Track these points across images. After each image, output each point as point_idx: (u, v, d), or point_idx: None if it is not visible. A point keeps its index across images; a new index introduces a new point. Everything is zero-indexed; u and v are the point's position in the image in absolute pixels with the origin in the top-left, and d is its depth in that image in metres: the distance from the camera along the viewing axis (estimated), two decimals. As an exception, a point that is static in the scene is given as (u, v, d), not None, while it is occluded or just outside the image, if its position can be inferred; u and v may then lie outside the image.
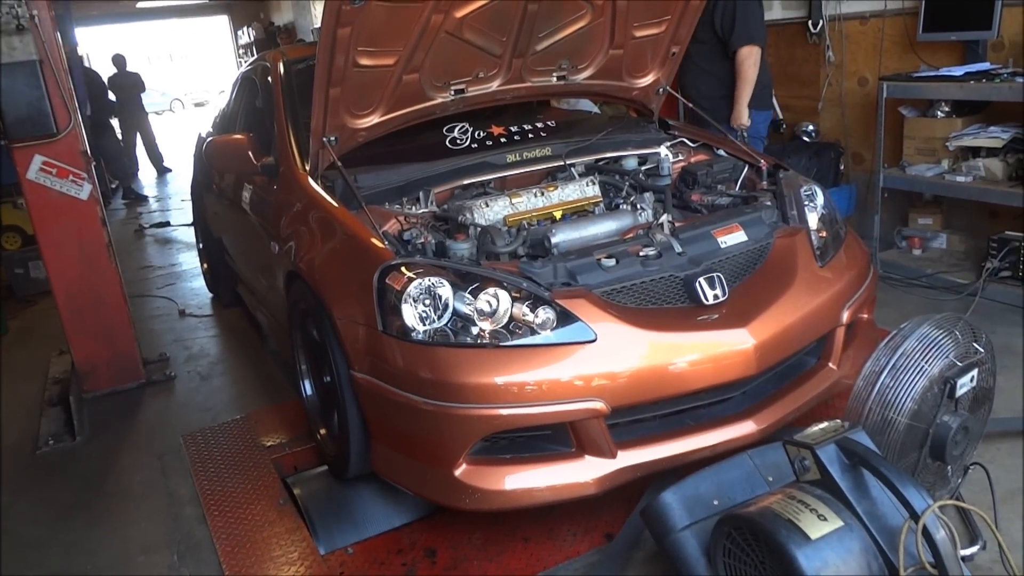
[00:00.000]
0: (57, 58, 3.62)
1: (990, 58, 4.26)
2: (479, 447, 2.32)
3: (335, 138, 2.87)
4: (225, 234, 4.61)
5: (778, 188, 2.96)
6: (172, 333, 4.99)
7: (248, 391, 4.02)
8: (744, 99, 4.16)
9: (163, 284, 6.21)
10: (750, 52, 4.10)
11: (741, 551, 1.86)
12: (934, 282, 4.33)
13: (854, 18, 4.92)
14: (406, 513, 2.75)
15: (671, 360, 2.34)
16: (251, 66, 4.34)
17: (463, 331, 2.34)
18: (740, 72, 4.12)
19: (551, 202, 2.97)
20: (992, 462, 2.57)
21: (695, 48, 4.14)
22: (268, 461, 3.11)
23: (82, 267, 3.87)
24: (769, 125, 4.60)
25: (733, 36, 4.09)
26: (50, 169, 3.68)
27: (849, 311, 2.69)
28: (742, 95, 4.15)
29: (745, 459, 2.13)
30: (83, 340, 3.98)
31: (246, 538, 2.69)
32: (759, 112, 4.31)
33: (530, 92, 3.25)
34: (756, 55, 4.12)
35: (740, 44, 4.08)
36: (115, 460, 3.47)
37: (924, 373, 2.09)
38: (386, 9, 2.53)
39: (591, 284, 2.44)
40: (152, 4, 16.15)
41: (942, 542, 1.71)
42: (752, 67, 4.11)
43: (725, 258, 2.62)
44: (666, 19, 3.21)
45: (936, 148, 4.34)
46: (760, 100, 4.29)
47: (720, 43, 4.16)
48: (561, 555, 2.48)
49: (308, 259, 2.83)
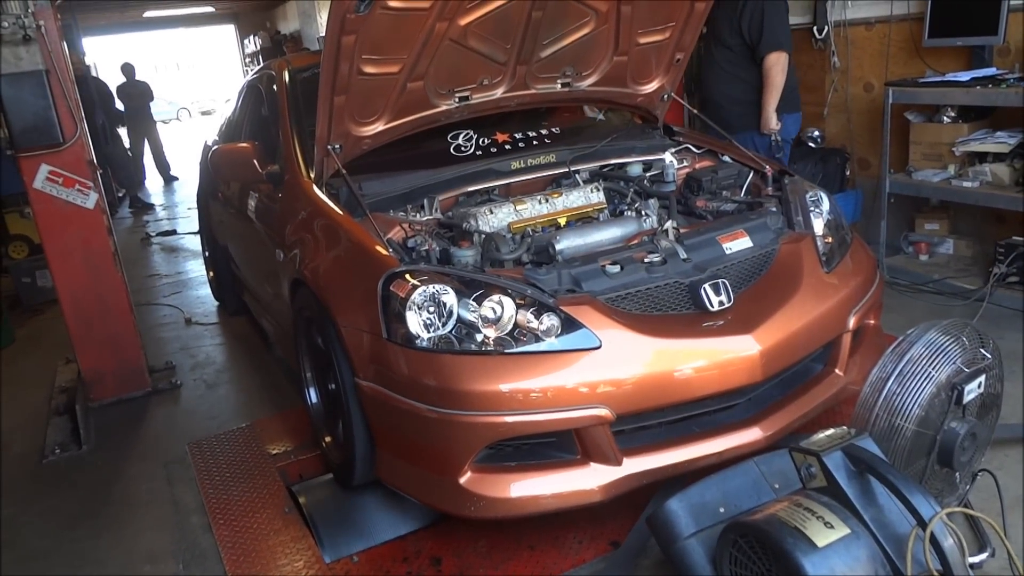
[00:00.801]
0: (63, 68, 3.64)
1: (996, 63, 4.25)
2: (484, 455, 2.31)
3: (340, 146, 2.87)
4: (231, 242, 4.62)
5: (784, 194, 2.96)
6: (178, 341, 5.00)
7: (253, 399, 4.02)
8: (772, 105, 4.20)
9: (169, 292, 6.23)
10: (778, 58, 4.15)
11: (747, 559, 1.85)
12: (941, 287, 4.31)
13: (859, 24, 4.92)
14: (411, 521, 2.74)
15: (676, 367, 2.33)
16: (256, 74, 4.36)
17: (467, 338, 2.33)
18: (768, 78, 4.16)
19: (555, 209, 2.97)
20: (1000, 468, 2.56)
21: (722, 53, 4.18)
22: (273, 469, 3.11)
23: (88, 276, 3.89)
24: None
25: (762, 43, 4.14)
26: (56, 178, 3.70)
27: (855, 317, 2.68)
28: (770, 101, 4.20)
29: (751, 466, 2.12)
30: (89, 349, 3.99)
31: (251, 547, 2.68)
32: (789, 115, 4.38)
33: (534, 99, 3.25)
34: (784, 61, 4.17)
35: (769, 50, 4.13)
36: (121, 469, 3.48)
37: (931, 379, 2.08)
38: (390, 17, 2.53)
39: (596, 291, 2.43)
40: (159, 13, 16.24)
41: (950, 549, 1.70)
42: (780, 73, 4.16)
43: (730, 264, 2.61)
44: (670, 26, 3.21)
45: (942, 153, 4.33)
46: (789, 103, 4.35)
47: (748, 48, 4.20)
48: (567, 563, 2.47)
49: (313, 267, 2.83)
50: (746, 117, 4.26)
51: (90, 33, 15.75)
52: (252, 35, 17.33)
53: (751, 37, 4.15)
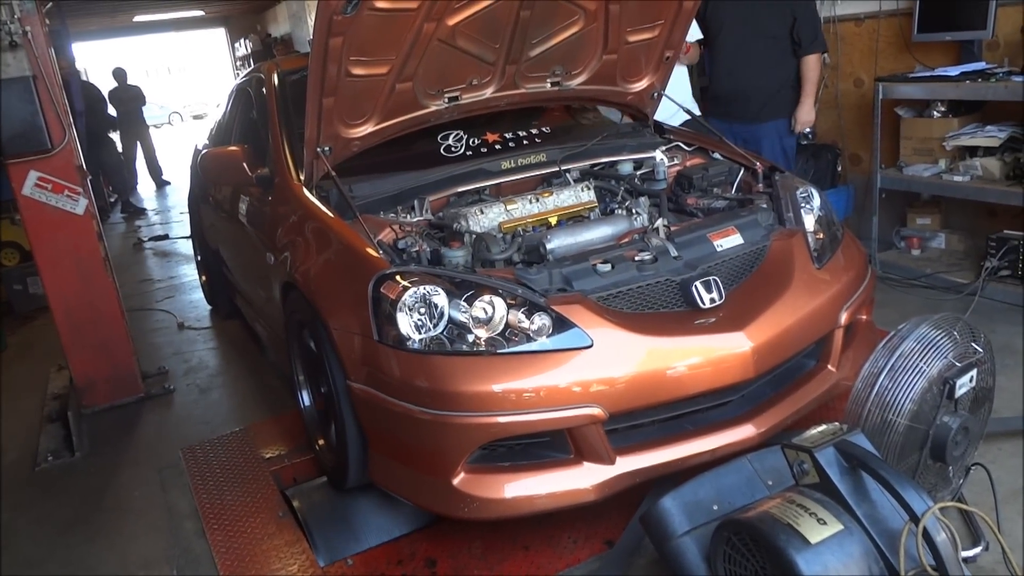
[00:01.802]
0: (51, 74, 3.62)
1: (985, 57, 4.26)
2: (477, 455, 2.31)
3: (329, 148, 2.86)
4: (222, 246, 4.60)
5: (774, 190, 2.96)
6: (171, 346, 4.98)
7: (247, 403, 4.01)
8: (811, 99, 4.33)
9: (162, 297, 6.21)
10: (818, 58, 4.31)
11: (741, 556, 1.85)
12: (933, 282, 4.32)
13: (849, 20, 4.92)
14: (405, 523, 2.73)
15: (669, 365, 2.33)
16: (246, 78, 4.35)
17: (459, 339, 2.32)
18: (810, 75, 4.28)
19: (546, 208, 2.96)
20: (993, 462, 2.56)
21: (764, 44, 4.23)
22: (267, 473, 3.10)
23: (79, 282, 3.87)
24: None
25: (815, 42, 4.26)
26: (45, 185, 3.68)
27: (847, 312, 2.68)
28: (811, 96, 4.32)
29: (744, 463, 2.12)
30: (81, 355, 3.97)
31: (245, 551, 2.67)
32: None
33: (524, 99, 3.24)
34: (820, 59, 4.35)
35: (816, 50, 4.27)
36: (114, 475, 3.46)
37: (923, 374, 2.08)
38: (378, 18, 2.53)
39: (587, 290, 2.43)
40: (149, 18, 16.16)
41: (943, 544, 1.70)
42: (818, 70, 4.33)
43: (721, 261, 2.61)
44: (659, 23, 3.20)
45: (933, 148, 4.34)
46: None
47: (791, 43, 4.26)
48: (562, 562, 2.47)
49: (304, 269, 2.82)
50: (773, 108, 4.34)
51: (80, 38, 15.69)
52: (243, 38, 17.27)
53: (800, 34, 4.23)
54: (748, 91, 4.29)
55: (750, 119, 4.33)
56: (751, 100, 4.32)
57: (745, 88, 4.30)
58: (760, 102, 4.31)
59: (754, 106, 4.32)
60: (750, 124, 4.34)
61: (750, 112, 4.32)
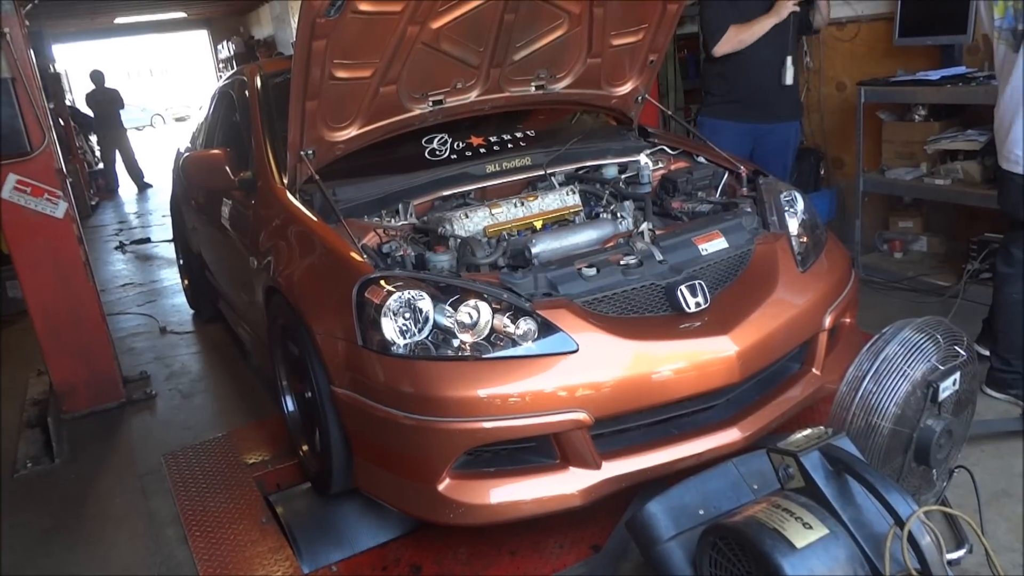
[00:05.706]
0: (30, 76, 3.58)
1: (966, 62, 4.29)
2: (462, 461, 2.30)
3: (313, 151, 2.84)
4: (205, 249, 4.57)
5: (758, 194, 2.96)
6: (153, 351, 4.93)
7: (230, 408, 3.98)
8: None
9: (144, 301, 6.15)
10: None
11: (727, 561, 1.85)
12: (916, 285, 4.35)
13: (831, 24, 4.94)
14: (390, 529, 2.72)
15: (654, 369, 2.33)
16: (228, 80, 4.31)
17: (444, 344, 2.31)
18: None
19: (531, 212, 2.95)
20: (976, 464, 2.58)
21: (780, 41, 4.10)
22: (250, 479, 3.07)
23: (58, 286, 3.83)
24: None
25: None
26: (24, 188, 3.64)
27: (831, 316, 2.69)
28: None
29: (730, 468, 2.11)
30: (61, 360, 3.93)
31: (228, 558, 2.64)
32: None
33: (509, 102, 3.24)
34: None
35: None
36: (95, 482, 3.42)
37: (907, 377, 2.09)
38: (361, 21, 2.51)
39: (572, 294, 2.42)
40: (130, 19, 16.04)
41: (928, 548, 1.71)
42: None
43: (706, 265, 2.61)
44: (643, 27, 3.21)
45: (915, 152, 4.37)
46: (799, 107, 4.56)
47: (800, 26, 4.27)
48: (548, 568, 2.46)
49: (287, 274, 2.80)
50: (792, 107, 4.29)
51: (60, 40, 15.57)
52: (225, 40, 17.20)
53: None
54: (768, 92, 4.17)
55: (777, 118, 4.19)
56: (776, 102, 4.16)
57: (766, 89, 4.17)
58: (783, 102, 4.18)
59: (773, 107, 4.15)
60: (771, 123, 4.19)
61: (769, 113, 4.14)
